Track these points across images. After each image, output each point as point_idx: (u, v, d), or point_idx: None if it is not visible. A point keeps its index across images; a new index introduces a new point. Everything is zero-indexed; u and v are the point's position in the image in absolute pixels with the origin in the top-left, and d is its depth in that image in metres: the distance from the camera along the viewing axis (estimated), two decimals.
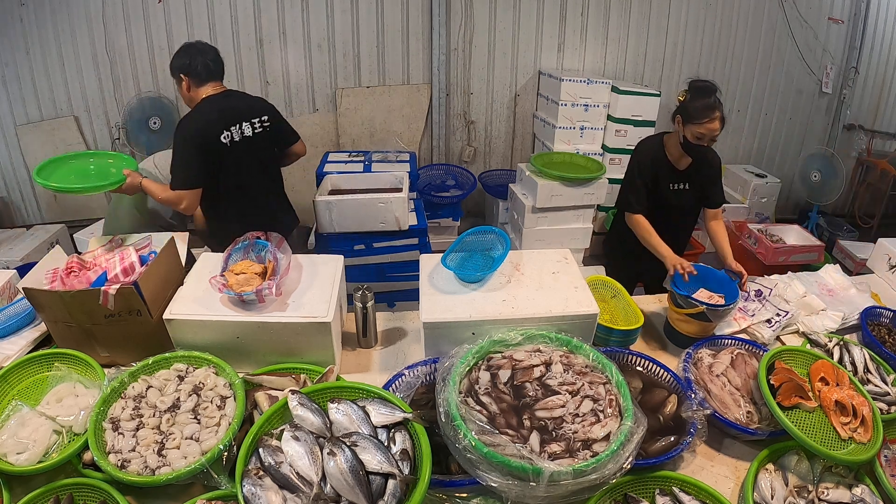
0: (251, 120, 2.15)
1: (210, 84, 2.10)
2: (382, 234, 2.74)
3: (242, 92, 2.28)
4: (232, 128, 2.08)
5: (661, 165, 2.11)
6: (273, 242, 1.67)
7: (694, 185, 2.15)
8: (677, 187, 2.14)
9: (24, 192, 4.08)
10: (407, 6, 3.90)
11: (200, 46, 2.09)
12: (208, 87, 2.09)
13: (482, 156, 4.52)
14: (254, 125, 2.16)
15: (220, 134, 2.04)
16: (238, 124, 2.11)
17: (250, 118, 2.15)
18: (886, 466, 1.33)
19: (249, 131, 2.14)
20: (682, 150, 2.04)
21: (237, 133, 2.10)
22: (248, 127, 2.14)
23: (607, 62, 4.29)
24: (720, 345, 1.71)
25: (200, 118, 2.03)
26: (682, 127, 1.97)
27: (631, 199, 2.14)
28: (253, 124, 2.16)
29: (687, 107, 1.95)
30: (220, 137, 2.04)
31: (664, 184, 2.13)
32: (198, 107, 2.07)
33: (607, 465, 1.12)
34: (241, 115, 2.12)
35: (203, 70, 2.07)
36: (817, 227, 4.59)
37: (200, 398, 1.32)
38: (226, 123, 2.07)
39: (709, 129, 1.90)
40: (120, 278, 1.53)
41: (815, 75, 4.62)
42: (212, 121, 2.04)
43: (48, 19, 3.62)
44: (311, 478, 1.08)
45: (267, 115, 2.23)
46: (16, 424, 1.26)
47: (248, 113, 2.15)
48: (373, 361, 1.69)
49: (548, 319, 1.52)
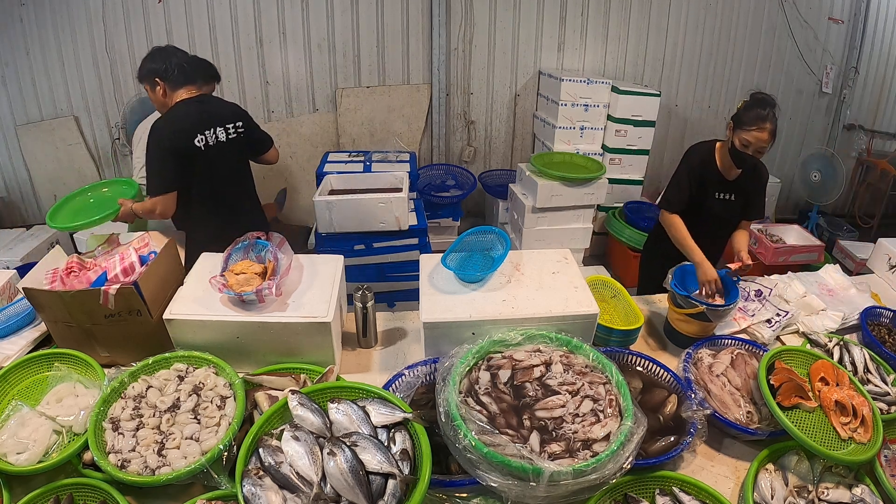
0: (225, 125, 2.14)
1: (185, 88, 2.07)
2: (382, 234, 2.74)
3: (217, 97, 2.27)
4: (206, 132, 2.06)
5: (710, 172, 2.10)
6: (273, 242, 1.67)
7: (739, 197, 2.13)
8: (723, 196, 2.12)
9: (24, 192, 4.08)
10: (407, 6, 3.90)
11: (172, 50, 2.07)
12: (183, 91, 2.07)
13: (482, 156, 4.52)
14: (228, 130, 2.15)
15: (195, 137, 2.02)
16: (213, 129, 2.09)
17: (224, 123, 2.14)
18: (886, 466, 1.33)
19: (224, 136, 2.13)
20: (730, 156, 2.02)
21: (211, 137, 2.08)
22: (222, 132, 2.12)
23: (607, 62, 4.29)
24: (720, 345, 1.71)
25: (175, 122, 2.01)
26: (732, 133, 1.98)
27: (671, 198, 2.13)
28: (227, 129, 2.14)
29: (740, 114, 1.96)
30: (194, 141, 2.02)
31: (710, 191, 2.11)
32: (172, 110, 2.04)
33: (607, 465, 1.12)
34: (215, 120, 2.11)
35: (180, 74, 2.04)
36: (817, 227, 4.59)
37: (200, 398, 1.32)
38: (201, 127, 2.04)
39: (756, 138, 1.90)
40: (120, 278, 1.53)
41: (815, 75, 4.62)
42: (187, 124, 2.01)
43: (48, 19, 3.62)
44: (311, 478, 1.08)
45: (241, 121, 2.21)
46: (16, 424, 1.26)
47: (222, 118, 2.14)
48: (373, 361, 1.69)
49: (548, 319, 1.52)
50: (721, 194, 2.12)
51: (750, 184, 2.11)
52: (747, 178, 2.10)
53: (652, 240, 2.51)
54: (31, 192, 4.08)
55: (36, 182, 4.02)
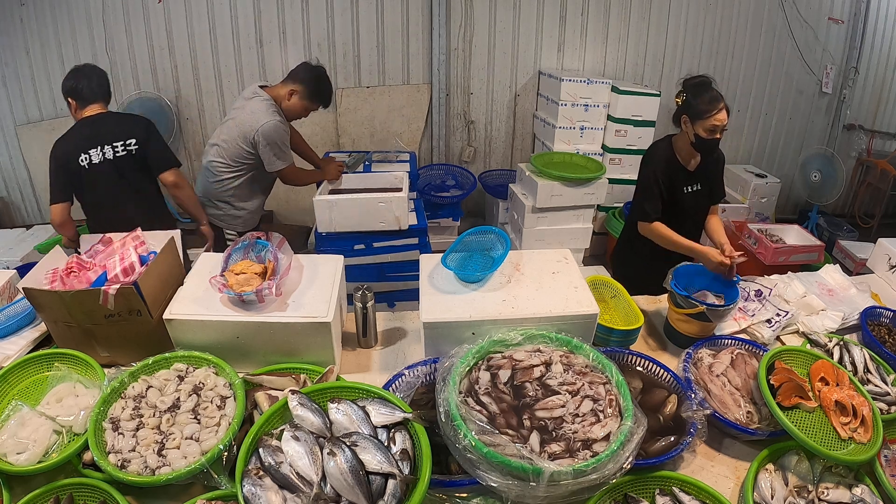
0: (113, 143, 2.24)
1: (91, 106, 2.24)
2: (382, 233, 2.74)
3: (121, 114, 2.46)
4: (92, 150, 2.20)
5: (674, 169, 2.09)
6: (273, 242, 1.67)
7: (705, 184, 2.14)
8: (691, 189, 2.12)
9: (24, 192, 4.08)
10: (407, 6, 3.90)
11: (87, 70, 2.24)
12: (89, 109, 2.24)
13: (482, 156, 4.52)
14: (116, 149, 2.25)
15: (79, 157, 2.18)
16: (99, 147, 2.21)
17: (113, 141, 2.24)
18: (886, 466, 1.33)
19: (111, 154, 2.24)
20: (696, 149, 2.02)
21: (97, 156, 2.21)
22: (109, 150, 2.24)
23: (607, 62, 4.29)
24: (720, 345, 1.71)
25: (66, 140, 2.19)
26: (691, 126, 1.96)
27: (647, 208, 2.09)
28: (115, 148, 2.25)
29: (691, 105, 1.93)
30: (78, 160, 2.18)
31: (679, 187, 2.10)
32: (70, 128, 2.23)
33: (607, 465, 1.12)
34: (104, 139, 2.23)
35: (88, 93, 2.23)
36: (817, 227, 4.59)
37: (200, 398, 1.32)
38: (87, 146, 2.19)
39: (719, 120, 1.90)
40: (120, 278, 1.52)
41: (815, 75, 4.61)
42: (71, 145, 2.18)
43: (48, 19, 3.62)
44: (311, 478, 1.08)
45: (134, 139, 2.29)
46: (16, 424, 1.26)
47: (111, 136, 2.25)
48: (373, 361, 1.69)
49: (548, 319, 1.52)
50: (689, 187, 2.12)
51: (711, 168, 2.13)
52: (708, 164, 2.11)
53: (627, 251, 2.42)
54: (31, 192, 4.08)
55: (36, 182, 4.02)
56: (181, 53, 3.84)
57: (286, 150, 2.50)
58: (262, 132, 2.37)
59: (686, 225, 2.14)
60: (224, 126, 2.50)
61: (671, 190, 2.09)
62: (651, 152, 2.17)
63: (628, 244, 2.37)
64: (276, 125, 2.39)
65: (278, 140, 2.42)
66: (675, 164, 2.09)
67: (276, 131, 2.40)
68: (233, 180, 2.52)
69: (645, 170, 2.14)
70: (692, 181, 2.12)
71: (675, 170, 2.09)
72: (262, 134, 2.38)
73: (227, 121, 2.51)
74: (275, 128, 2.39)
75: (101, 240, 1.71)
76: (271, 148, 2.42)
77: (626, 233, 2.39)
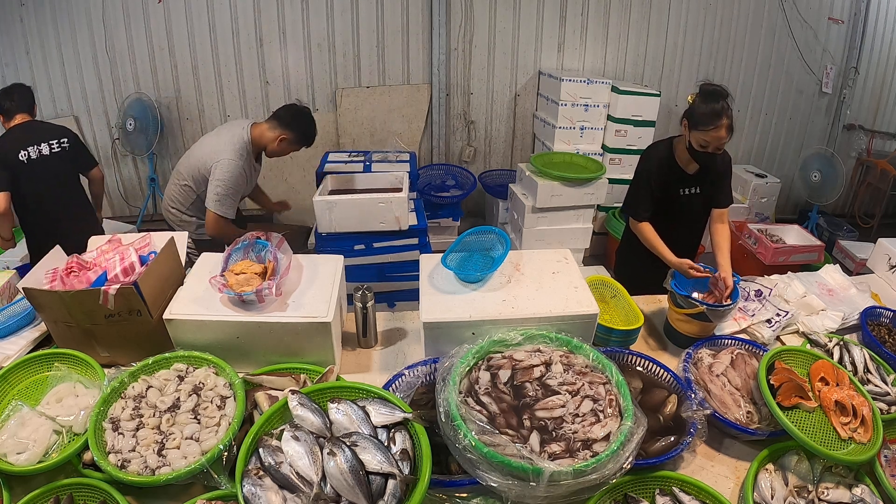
0: (49, 141, 2.54)
1: (17, 116, 2.56)
2: (382, 233, 2.74)
3: (47, 122, 2.79)
4: (30, 147, 2.48)
5: (671, 171, 2.06)
6: (273, 242, 1.67)
7: (704, 189, 2.10)
8: (687, 192, 2.10)
9: None
10: (407, 6, 3.90)
11: (9, 89, 2.57)
12: (16, 119, 2.55)
13: (482, 156, 4.52)
14: (51, 145, 2.54)
15: (18, 153, 2.44)
16: (36, 144, 2.50)
17: (49, 139, 2.54)
18: (886, 466, 1.33)
19: (47, 150, 2.53)
20: (690, 154, 1.98)
21: (34, 151, 2.49)
22: (45, 147, 2.52)
23: (607, 62, 4.29)
24: (720, 345, 1.71)
25: (4, 140, 2.49)
26: (688, 132, 1.93)
27: (637, 207, 2.10)
28: (51, 144, 2.54)
29: (694, 111, 1.88)
30: (18, 155, 2.44)
31: (674, 189, 2.08)
32: (7, 131, 2.55)
33: (607, 465, 1.12)
34: (40, 137, 2.52)
35: (10, 108, 2.55)
36: (817, 227, 4.60)
37: (200, 398, 1.31)
38: (25, 144, 2.47)
39: (714, 138, 1.84)
40: (120, 278, 1.52)
41: (815, 75, 4.62)
42: (12, 142, 2.47)
43: (48, 19, 3.62)
44: (311, 478, 1.08)
45: (66, 139, 2.61)
46: (16, 424, 1.25)
47: (47, 135, 2.55)
48: (373, 361, 1.69)
49: (548, 319, 1.52)
50: (685, 190, 2.10)
51: (712, 173, 2.07)
52: (708, 168, 2.05)
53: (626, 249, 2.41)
54: None
55: None
56: (181, 53, 3.85)
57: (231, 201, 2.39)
58: (220, 166, 2.33)
59: (680, 227, 2.14)
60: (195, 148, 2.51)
61: (665, 191, 2.08)
62: (648, 152, 2.15)
63: (627, 244, 2.36)
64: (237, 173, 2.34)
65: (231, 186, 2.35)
66: (672, 166, 2.07)
67: (233, 178, 2.34)
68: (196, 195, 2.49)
69: (639, 168, 2.14)
70: (689, 184, 2.09)
71: (671, 171, 2.07)
72: (219, 168, 2.33)
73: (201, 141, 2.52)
74: (232, 174, 2.33)
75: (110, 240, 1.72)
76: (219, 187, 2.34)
77: (627, 233, 2.39)
